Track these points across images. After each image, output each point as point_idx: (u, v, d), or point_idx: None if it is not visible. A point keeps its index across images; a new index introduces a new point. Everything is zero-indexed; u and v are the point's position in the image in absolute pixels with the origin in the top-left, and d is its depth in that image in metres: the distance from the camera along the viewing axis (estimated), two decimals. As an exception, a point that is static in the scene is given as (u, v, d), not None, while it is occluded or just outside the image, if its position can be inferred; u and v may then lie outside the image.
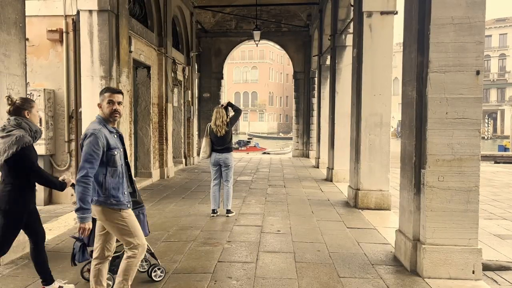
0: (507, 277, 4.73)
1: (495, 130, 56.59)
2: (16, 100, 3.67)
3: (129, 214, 3.35)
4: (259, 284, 4.12)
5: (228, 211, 7.02)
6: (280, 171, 13.45)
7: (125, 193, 3.35)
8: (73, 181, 3.68)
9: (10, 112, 3.63)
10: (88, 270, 3.86)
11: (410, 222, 4.59)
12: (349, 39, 10.22)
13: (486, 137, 50.29)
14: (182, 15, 14.18)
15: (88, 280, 3.76)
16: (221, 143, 7.00)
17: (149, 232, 4.10)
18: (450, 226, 4.28)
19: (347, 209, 7.70)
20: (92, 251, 3.53)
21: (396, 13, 7.66)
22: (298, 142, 19.54)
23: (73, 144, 8.12)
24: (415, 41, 4.56)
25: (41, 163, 7.80)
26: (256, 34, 16.20)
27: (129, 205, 3.36)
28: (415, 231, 4.52)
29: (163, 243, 5.43)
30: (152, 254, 4.21)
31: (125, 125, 8.26)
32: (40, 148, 7.81)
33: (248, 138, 39.65)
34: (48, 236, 5.70)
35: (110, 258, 3.52)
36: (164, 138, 11.70)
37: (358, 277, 4.34)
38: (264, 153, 28.73)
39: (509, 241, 6.12)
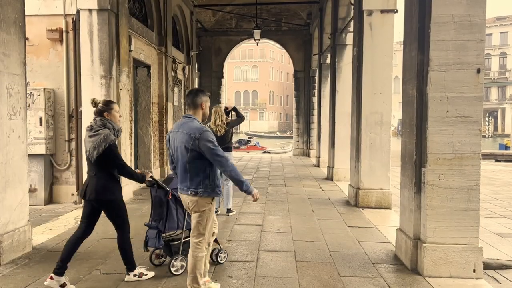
0: (508, 276, 4.72)
1: (495, 128, 56.55)
2: (99, 102, 4.08)
3: (213, 207, 3.67)
4: (259, 283, 4.12)
5: (229, 210, 7.04)
6: (280, 170, 13.44)
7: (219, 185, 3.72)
8: (151, 173, 4.24)
9: (95, 113, 4.09)
10: (156, 256, 4.54)
11: (411, 221, 4.58)
12: (349, 38, 10.21)
13: (486, 136, 50.26)
14: (182, 14, 14.16)
15: (156, 265, 4.49)
16: (220, 143, 6.95)
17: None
18: (451, 225, 4.27)
19: (347, 208, 7.69)
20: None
21: (397, 11, 7.65)
22: (298, 141, 19.53)
23: (73, 143, 8.11)
24: (415, 39, 4.55)
25: (41, 163, 7.82)
26: (256, 33, 16.18)
27: (220, 194, 3.71)
28: (416, 229, 4.51)
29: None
30: (215, 240, 4.34)
31: (125, 124, 8.26)
32: (40, 147, 7.82)
33: (249, 137, 39.64)
34: (48, 236, 5.72)
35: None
36: (165, 137, 11.70)
37: (358, 276, 4.34)
38: (265, 152, 28.73)
39: (510, 240, 6.11)
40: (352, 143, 8.33)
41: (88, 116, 7.63)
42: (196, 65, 17.15)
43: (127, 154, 8.36)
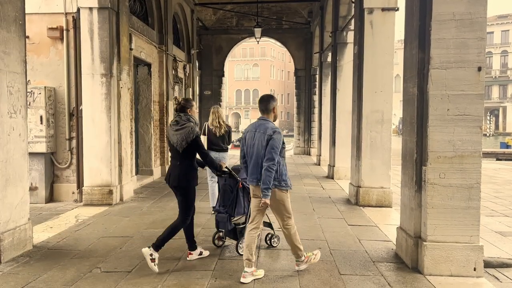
0: (509, 274, 4.72)
1: (497, 127, 56.49)
2: (181, 101, 4.65)
3: (289, 194, 4.25)
4: (260, 281, 4.11)
5: (214, 208, 7.05)
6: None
7: (289, 177, 4.26)
8: (226, 164, 4.87)
9: (177, 110, 4.64)
10: (219, 238, 5.11)
11: (411, 219, 4.57)
12: (350, 36, 10.19)
13: (488, 134, 50.21)
14: (182, 12, 14.15)
15: (218, 246, 5.08)
16: (216, 143, 6.96)
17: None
18: (452, 223, 4.26)
19: (348, 206, 7.68)
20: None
21: (397, 9, 7.63)
22: (299, 140, 19.52)
23: (74, 141, 8.12)
24: (416, 37, 4.54)
25: (42, 161, 7.83)
26: (257, 31, 16.16)
27: (291, 187, 4.26)
28: (416, 228, 4.51)
29: (164, 241, 5.42)
30: (270, 225, 5.08)
31: (125, 123, 8.26)
32: (41, 146, 7.82)
33: None
34: (49, 234, 5.73)
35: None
36: (165, 136, 11.69)
37: (359, 274, 4.33)
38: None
39: (511, 238, 6.10)
40: (353, 142, 8.32)
41: (88, 114, 7.66)
42: (197, 64, 17.13)
43: (127, 152, 8.37)
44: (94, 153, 7.68)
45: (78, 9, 7.74)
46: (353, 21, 8.94)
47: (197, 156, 4.61)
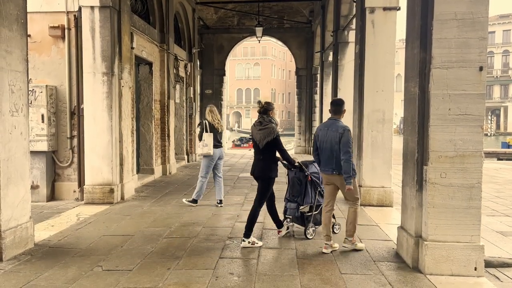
0: (510, 274, 4.72)
1: (498, 126, 56.41)
2: (264, 104, 5.36)
3: (356, 181, 5.05)
4: (260, 280, 4.12)
5: (220, 201, 7.48)
6: (282, 168, 13.41)
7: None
8: (298, 160, 5.63)
9: (260, 112, 5.38)
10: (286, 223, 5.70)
11: (412, 219, 4.58)
12: (351, 35, 10.19)
13: (489, 134, 50.14)
14: (184, 11, 14.15)
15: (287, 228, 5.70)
16: (219, 139, 7.46)
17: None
18: (452, 223, 4.27)
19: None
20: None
21: (399, 9, 7.62)
22: (300, 139, 19.52)
23: (75, 140, 8.13)
24: (417, 37, 4.54)
25: (43, 159, 7.84)
26: (259, 30, 16.16)
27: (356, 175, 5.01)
28: (417, 227, 4.51)
29: (165, 239, 5.44)
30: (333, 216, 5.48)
31: (127, 122, 8.27)
32: (42, 144, 7.83)
33: (250, 135, 39.57)
34: (50, 232, 5.75)
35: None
36: (166, 135, 11.71)
37: (360, 273, 4.34)
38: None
39: (512, 238, 6.10)
40: (353, 141, 8.31)
41: (90, 113, 7.67)
42: (198, 63, 17.14)
43: (129, 151, 8.38)
44: (96, 151, 7.69)
45: (80, 8, 7.75)
46: (354, 20, 8.93)
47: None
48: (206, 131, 7.28)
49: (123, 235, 5.66)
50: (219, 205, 7.45)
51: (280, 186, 7.25)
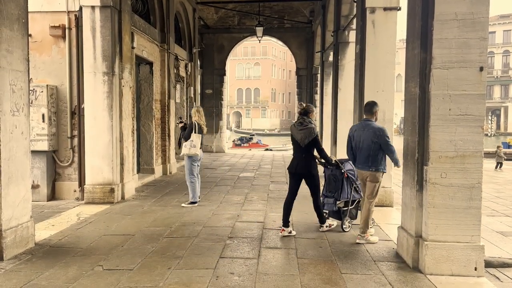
0: (510, 274, 4.73)
1: (498, 127, 56.38)
2: (305, 106, 5.74)
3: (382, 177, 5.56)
4: (261, 280, 4.13)
5: (193, 203, 7.54)
6: (282, 168, 13.44)
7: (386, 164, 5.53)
8: (335, 158, 6.02)
9: (300, 113, 5.74)
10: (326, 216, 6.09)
11: (413, 219, 4.58)
12: (352, 36, 10.19)
13: (489, 134, 50.12)
14: (184, 11, 14.16)
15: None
16: (202, 140, 7.63)
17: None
18: (453, 223, 4.27)
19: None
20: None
21: (400, 9, 7.62)
22: (300, 139, 19.49)
23: (75, 140, 8.13)
24: (418, 37, 4.54)
25: (43, 159, 7.85)
26: (259, 30, 16.17)
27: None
28: (418, 227, 4.52)
29: (166, 239, 5.45)
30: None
31: (127, 121, 8.27)
32: (43, 144, 7.84)
33: (250, 135, 39.59)
34: (51, 232, 5.75)
35: None
36: (167, 135, 11.71)
37: (360, 273, 4.34)
38: (267, 149, 28.73)
39: (512, 238, 6.10)
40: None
41: (90, 113, 7.67)
42: (198, 62, 17.16)
43: (129, 151, 8.38)
44: (96, 151, 7.69)
45: (81, 8, 7.76)
46: (355, 20, 8.93)
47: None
48: (195, 132, 7.32)
49: (123, 234, 5.66)
50: (189, 205, 7.47)
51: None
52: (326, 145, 13.51)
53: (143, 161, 10.73)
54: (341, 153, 10.76)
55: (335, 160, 5.86)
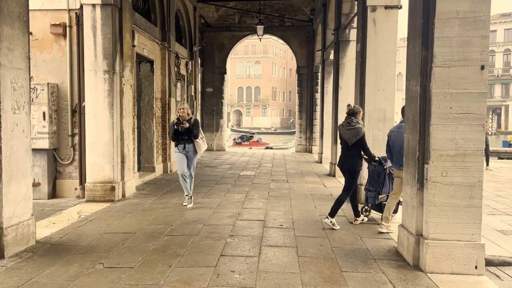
0: (510, 273, 4.73)
1: (499, 125, 56.32)
2: (353, 107, 6.20)
3: None
4: (261, 278, 4.14)
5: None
6: (283, 166, 13.45)
7: None
8: (378, 156, 6.35)
9: (348, 113, 6.17)
10: (365, 210, 6.52)
11: (413, 217, 4.59)
12: (353, 34, 10.18)
13: (490, 133, 50.06)
14: (185, 9, 14.14)
15: (364, 216, 6.45)
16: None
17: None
18: (453, 221, 4.27)
19: (349, 203, 7.67)
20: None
21: (401, 7, 7.62)
22: (301, 137, 19.51)
23: (76, 138, 8.14)
24: (419, 35, 4.54)
25: (44, 157, 7.86)
26: (260, 28, 16.16)
27: None
28: (418, 226, 4.52)
29: (166, 237, 5.45)
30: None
31: (128, 120, 8.27)
32: (44, 142, 7.85)
33: (251, 133, 39.57)
34: (52, 230, 5.76)
35: None
36: (167, 133, 11.72)
37: (360, 271, 4.35)
38: (267, 148, 28.74)
39: (512, 237, 6.10)
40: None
41: (91, 111, 7.68)
42: (199, 61, 17.14)
43: (130, 149, 8.39)
44: (97, 149, 7.70)
45: (81, 6, 7.76)
46: (355, 18, 8.93)
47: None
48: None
49: (124, 232, 5.67)
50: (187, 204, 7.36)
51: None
52: (327, 143, 13.55)
53: (144, 159, 10.74)
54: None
55: (378, 157, 6.30)
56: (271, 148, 27.95)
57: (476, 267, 4.24)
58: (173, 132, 7.31)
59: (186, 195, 7.44)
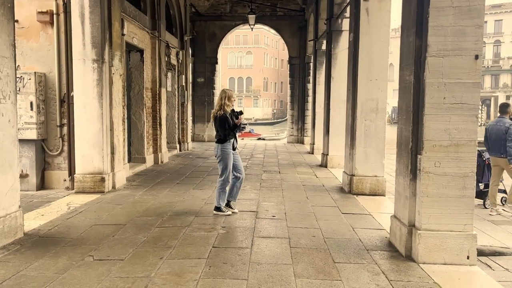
0: (501, 262, 4.76)
1: (488, 116, 56.85)
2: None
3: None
4: (254, 269, 4.10)
5: (215, 208, 6.21)
6: (275, 157, 13.42)
7: None
8: (478, 150, 6.59)
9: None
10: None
11: (406, 208, 4.57)
12: (345, 24, 10.09)
13: (480, 124, 50.54)
14: (175, -2, 13.92)
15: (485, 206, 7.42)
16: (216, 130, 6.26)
17: None
18: (446, 212, 4.27)
19: (341, 194, 7.69)
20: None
21: (394, -4, 7.55)
22: (293, 128, 19.46)
23: (65, 128, 8.00)
24: (413, 24, 4.48)
25: (32, 148, 7.73)
26: (251, 18, 15.99)
27: None
28: (411, 216, 4.51)
29: (158, 229, 5.39)
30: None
31: (118, 110, 8.14)
32: (31, 132, 7.71)
33: (243, 124, 39.41)
34: (40, 222, 5.67)
35: None
36: (158, 123, 11.59)
37: (353, 262, 4.34)
38: (259, 139, 28.69)
39: (503, 227, 6.16)
40: (347, 130, 8.29)
41: (80, 101, 7.53)
42: (190, 50, 16.92)
43: (120, 140, 8.27)
44: (86, 140, 7.57)
45: (69, -7, 7.56)
46: (348, 8, 8.83)
47: None
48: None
49: (114, 224, 5.60)
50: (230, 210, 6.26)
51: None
52: (318, 134, 13.53)
53: (134, 150, 10.62)
54: (333, 142, 10.77)
55: (478, 151, 6.71)
56: (263, 139, 27.90)
57: (468, 257, 4.25)
58: (232, 126, 6.04)
59: (228, 202, 6.22)
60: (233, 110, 6.18)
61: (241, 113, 6.18)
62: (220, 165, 6.15)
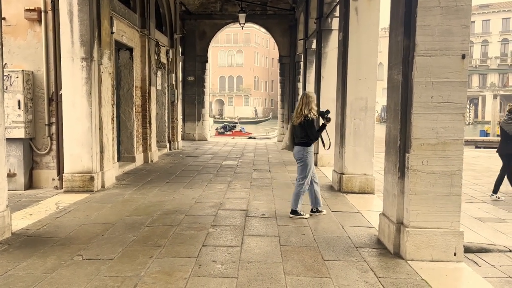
0: (488, 259, 4.83)
1: (476, 115, 57.56)
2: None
3: None
4: (244, 267, 4.11)
5: (292, 211, 6.02)
6: (265, 156, 13.44)
7: None
8: None
9: (510, 111, 7.84)
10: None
11: (394, 206, 4.62)
12: (335, 23, 10.14)
13: (467, 122, 51.16)
14: (165, -4, 13.85)
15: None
16: (296, 134, 6.02)
17: None
18: (433, 209, 4.32)
19: (331, 193, 7.74)
20: None
21: (383, -4, 7.60)
22: (283, 127, 19.51)
23: (53, 127, 7.92)
24: (401, 24, 4.53)
25: (20, 147, 7.64)
26: (241, 16, 15.99)
27: None
28: (399, 214, 4.56)
29: (147, 228, 5.37)
30: None
31: (107, 108, 8.09)
32: (19, 131, 7.62)
33: (234, 123, 39.38)
34: (28, 221, 5.61)
35: None
36: (148, 122, 11.53)
37: (342, 260, 4.37)
38: (250, 138, 28.71)
39: (489, 224, 6.24)
40: (336, 129, 8.34)
41: (69, 99, 7.47)
42: (180, 49, 16.87)
43: (109, 138, 8.21)
44: (75, 139, 7.51)
45: (57, -10, 7.48)
46: (338, 7, 8.89)
47: None
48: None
49: (104, 223, 5.57)
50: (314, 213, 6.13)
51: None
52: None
53: (124, 149, 10.56)
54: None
55: None
56: (254, 138, 27.92)
57: (455, 254, 4.31)
58: (320, 128, 5.94)
59: (317, 209, 6.14)
60: (317, 110, 5.97)
61: (328, 112, 5.89)
62: (301, 168, 6.05)
